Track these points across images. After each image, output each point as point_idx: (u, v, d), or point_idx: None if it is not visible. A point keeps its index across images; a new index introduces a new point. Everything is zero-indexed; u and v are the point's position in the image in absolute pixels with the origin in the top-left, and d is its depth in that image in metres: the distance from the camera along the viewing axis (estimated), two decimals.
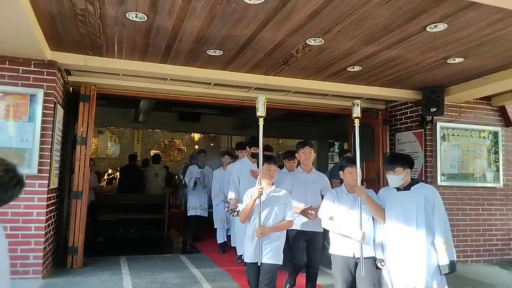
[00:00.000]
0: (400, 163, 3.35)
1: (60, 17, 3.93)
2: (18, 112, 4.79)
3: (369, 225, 3.50)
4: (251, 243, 3.61)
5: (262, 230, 3.52)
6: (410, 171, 3.39)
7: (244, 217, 3.70)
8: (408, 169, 3.36)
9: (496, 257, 6.79)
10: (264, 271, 3.55)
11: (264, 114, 3.72)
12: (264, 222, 3.56)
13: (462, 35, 4.13)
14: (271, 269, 3.54)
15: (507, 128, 7.03)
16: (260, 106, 3.71)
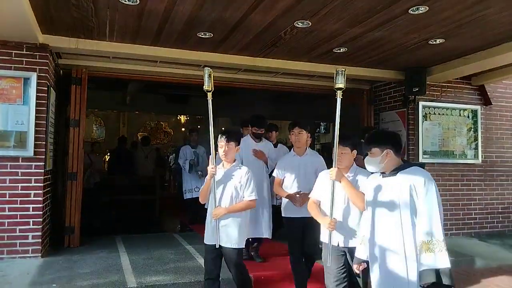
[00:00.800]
0: (375, 142, 2.77)
1: (53, 1, 4.00)
2: (12, 95, 4.87)
3: (354, 211, 3.16)
4: (210, 224, 3.53)
5: (217, 211, 3.43)
6: (394, 152, 2.72)
7: (201, 197, 3.64)
8: (389, 149, 2.71)
9: (475, 230, 7.15)
10: (225, 256, 3.48)
11: (212, 88, 3.49)
12: (220, 203, 3.47)
13: (443, 16, 4.32)
14: (231, 254, 3.44)
15: (486, 107, 7.32)
16: (206, 79, 3.47)
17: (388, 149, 2.71)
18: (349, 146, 3.30)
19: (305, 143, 4.32)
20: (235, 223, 3.49)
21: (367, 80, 7.24)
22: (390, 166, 2.74)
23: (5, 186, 4.82)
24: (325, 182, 3.27)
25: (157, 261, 5.01)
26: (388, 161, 2.73)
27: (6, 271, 4.44)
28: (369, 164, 2.81)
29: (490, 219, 7.28)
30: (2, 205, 4.81)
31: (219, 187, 3.52)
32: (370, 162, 2.80)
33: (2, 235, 4.79)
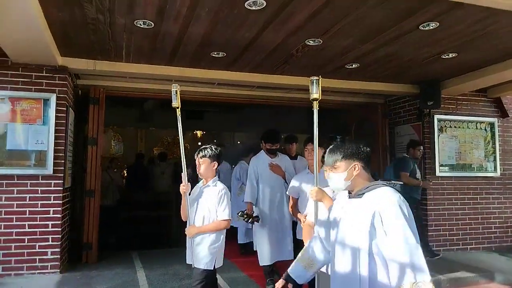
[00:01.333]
0: (340, 154, 2.25)
1: (72, 25, 4.16)
2: (32, 116, 5.03)
3: None
4: (187, 243, 3.49)
5: (189, 230, 3.39)
6: (362, 166, 2.23)
7: (182, 215, 3.55)
8: (357, 163, 2.22)
9: (495, 244, 7.01)
10: (193, 274, 3.41)
11: (179, 105, 3.43)
12: (194, 221, 3.41)
13: (454, 31, 4.33)
14: (196, 273, 3.35)
15: (503, 119, 7.23)
16: (173, 96, 3.41)
17: (356, 162, 2.22)
18: None
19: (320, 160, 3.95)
20: (205, 243, 3.37)
21: (381, 94, 7.24)
22: (357, 184, 2.23)
23: (25, 203, 4.96)
24: None
25: (173, 276, 5.06)
26: (356, 178, 2.22)
27: (25, 286, 4.55)
28: (332, 181, 2.28)
29: (510, 233, 7.14)
30: (22, 222, 4.94)
31: (193, 205, 3.47)
32: (333, 179, 2.27)
33: (22, 251, 4.92)
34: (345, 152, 2.25)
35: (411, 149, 6.33)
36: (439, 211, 6.70)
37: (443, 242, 6.68)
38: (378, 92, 6.93)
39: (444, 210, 6.73)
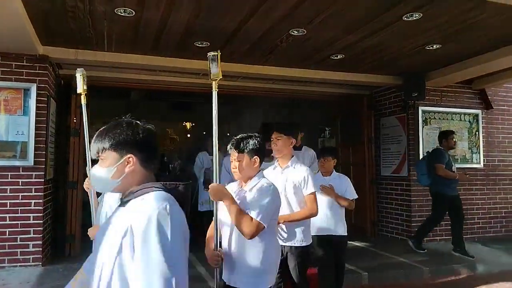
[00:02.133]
0: (107, 140, 1.57)
1: (51, 14, 4.07)
2: (12, 106, 4.94)
3: None
4: None
5: None
6: (140, 160, 1.57)
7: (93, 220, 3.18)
8: (130, 154, 1.55)
9: (478, 235, 7.10)
10: None
11: (84, 91, 2.95)
12: None
13: (437, 23, 4.34)
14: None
15: (487, 111, 7.29)
16: (79, 82, 2.95)
17: (130, 154, 1.55)
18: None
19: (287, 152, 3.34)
20: None
21: (366, 86, 7.25)
22: (129, 186, 1.57)
23: (6, 195, 4.88)
24: None
25: None
26: (128, 176, 1.55)
27: (7, 279, 4.49)
28: (94, 179, 1.64)
29: (493, 223, 7.24)
30: (3, 214, 4.87)
31: None
32: (95, 175, 1.60)
33: (3, 244, 4.85)
34: (115, 138, 1.57)
35: (443, 140, 6.03)
36: (422, 202, 6.75)
37: None
38: (363, 84, 6.94)
39: (428, 201, 6.76)
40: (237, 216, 2.34)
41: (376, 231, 7.35)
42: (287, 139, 3.27)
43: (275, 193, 2.50)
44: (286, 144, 3.27)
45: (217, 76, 2.67)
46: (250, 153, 2.51)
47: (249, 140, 2.56)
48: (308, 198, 3.17)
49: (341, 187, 3.95)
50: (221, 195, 2.40)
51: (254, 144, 2.54)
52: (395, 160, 7.06)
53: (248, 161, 2.51)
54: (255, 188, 2.49)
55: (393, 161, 7.10)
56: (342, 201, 3.89)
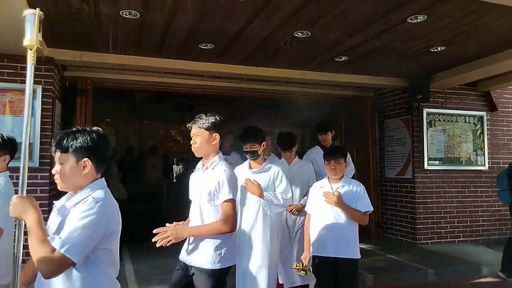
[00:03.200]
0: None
1: (56, 16, 4.09)
2: (17, 108, 4.97)
3: None
4: None
5: None
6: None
7: None
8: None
9: (483, 237, 7.07)
10: None
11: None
12: None
13: (442, 25, 4.33)
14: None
15: (492, 113, 7.26)
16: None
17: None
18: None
19: None
20: None
21: (370, 88, 7.24)
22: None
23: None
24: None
25: (161, 270, 5.04)
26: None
27: None
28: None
29: (498, 226, 7.20)
30: None
31: None
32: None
33: None
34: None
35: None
36: (427, 204, 6.74)
37: (431, 235, 6.73)
38: (367, 86, 6.94)
39: (433, 203, 6.78)
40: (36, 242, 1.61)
41: (381, 233, 7.34)
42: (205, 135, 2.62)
43: (100, 216, 1.71)
44: (203, 141, 2.61)
45: (32, 43, 1.78)
46: (76, 153, 1.78)
47: (78, 136, 1.81)
48: (222, 207, 2.51)
49: (351, 196, 3.25)
50: (22, 210, 1.69)
51: (85, 141, 1.80)
52: (399, 162, 7.05)
53: (74, 164, 1.78)
54: (78, 204, 1.75)
55: (398, 163, 7.08)
56: (350, 213, 3.18)
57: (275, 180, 3.55)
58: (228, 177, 2.53)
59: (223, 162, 2.61)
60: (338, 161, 3.30)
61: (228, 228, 2.49)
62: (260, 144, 3.51)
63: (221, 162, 2.60)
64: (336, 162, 3.29)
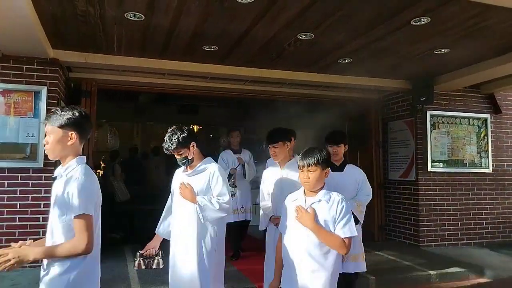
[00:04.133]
0: None
1: (62, 18, 4.13)
2: (23, 109, 5.01)
3: None
4: None
5: None
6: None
7: None
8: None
9: (486, 240, 7.05)
10: None
11: None
12: None
13: (446, 27, 4.33)
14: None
15: (496, 115, 7.24)
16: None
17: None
18: None
19: None
20: None
21: (374, 90, 7.24)
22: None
23: (16, 196, 4.95)
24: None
25: (164, 271, 5.04)
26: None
27: (16, 280, 4.55)
28: None
29: (502, 228, 7.18)
30: (12, 215, 4.93)
31: None
32: None
33: None
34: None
35: None
36: (430, 207, 6.73)
37: (434, 238, 6.72)
38: (371, 88, 6.94)
39: (436, 205, 6.76)
40: None
41: (384, 235, 7.33)
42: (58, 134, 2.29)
43: None
44: (55, 140, 2.29)
45: None
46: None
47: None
48: (74, 223, 2.09)
49: (329, 215, 2.49)
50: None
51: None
52: (403, 164, 7.04)
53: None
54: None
55: (401, 165, 7.08)
56: (324, 237, 2.42)
57: (211, 182, 3.22)
58: (80, 187, 2.06)
59: (81, 167, 2.15)
60: (311, 169, 2.51)
61: (81, 249, 2.05)
62: (188, 148, 3.15)
63: (77, 167, 2.15)
64: (309, 170, 2.52)
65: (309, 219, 2.46)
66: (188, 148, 3.17)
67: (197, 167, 3.25)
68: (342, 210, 2.48)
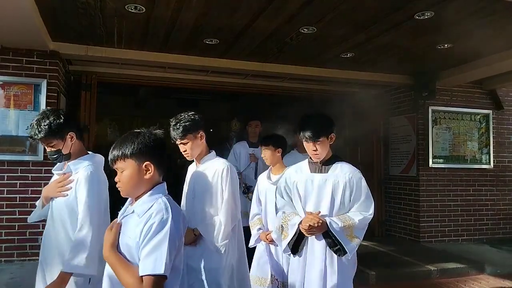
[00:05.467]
0: None
1: (62, 10, 4.09)
2: (22, 102, 4.98)
3: None
4: None
5: None
6: None
7: None
8: None
9: (487, 236, 7.04)
10: None
11: None
12: None
13: (449, 22, 4.28)
14: None
15: (497, 111, 7.21)
16: None
17: None
18: None
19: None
20: None
21: (376, 85, 7.20)
22: None
23: (16, 190, 4.92)
24: None
25: None
26: None
27: (16, 273, 4.54)
28: None
29: (502, 225, 7.16)
30: (12, 209, 4.91)
31: None
32: None
33: (12, 238, 4.90)
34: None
35: None
36: (431, 202, 6.71)
37: (434, 233, 6.71)
38: (373, 83, 6.90)
39: (437, 201, 6.75)
40: None
41: (384, 231, 7.32)
42: None
43: None
44: None
45: None
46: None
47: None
48: None
49: None
50: None
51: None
52: (404, 160, 7.02)
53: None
54: None
55: (402, 160, 7.05)
56: None
57: None
58: None
59: None
60: None
61: None
62: (63, 139, 2.46)
63: None
64: None
65: None
66: (63, 139, 2.46)
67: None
68: None
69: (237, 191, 2.93)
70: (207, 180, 2.86)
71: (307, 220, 2.56)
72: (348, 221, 2.57)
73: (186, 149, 2.87)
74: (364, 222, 2.62)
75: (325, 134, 2.68)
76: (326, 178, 2.70)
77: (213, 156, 2.99)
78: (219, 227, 2.77)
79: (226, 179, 2.83)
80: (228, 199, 2.81)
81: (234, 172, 2.96)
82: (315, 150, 2.67)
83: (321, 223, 2.52)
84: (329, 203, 2.65)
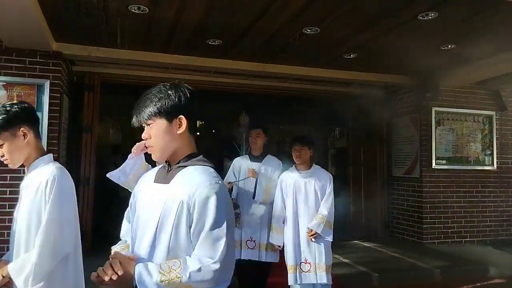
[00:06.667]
0: None
1: (65, 10, 4.10)
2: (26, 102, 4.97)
3: None
4: None
5: None
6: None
7: None
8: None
9: (490, 237, 7.00)
10: None
11: None
12: None
13: (453, 22, 4.27)
14: None
15: (501, 112, 7.18)
16: None
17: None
18: None
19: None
20: None
21: (379, 86, 7.18)
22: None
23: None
24: None
25: None
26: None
27: None
28: None
29: (506, 226, 7.13)
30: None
31: None
32: None
33: None
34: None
35: None
36: (434, 204, 6.69)
37: (437, 235, 6.69)
38: (376, 84, 6.87)
39: (440, 203, 6.72)
40: None
41: (387, 232, 7.30)
42: None
43: None
44: None
45: None
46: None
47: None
48: None
49: None
50: None
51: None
52: (407, 161, 7.00)
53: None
54: None
55: (405, 161, 7.03)
56: None
57: None
58: None
59: None
60: None
61: None
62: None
63: None
64: None
65: None
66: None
67: None
68: None
69: (67, 212, 2.09)
70: (30, 198, 2.08)
71: None
72: None
73: (3, 153, 2.10)
74: None
75: None
76: None
77: (47, 160, 2.20)
78: (30, 268, 1.94)
79: (49, 196, 2.01)
80: (46, 225, 1.97)
81: (67, 183, 2.15)
82: None
83: None
84: None
